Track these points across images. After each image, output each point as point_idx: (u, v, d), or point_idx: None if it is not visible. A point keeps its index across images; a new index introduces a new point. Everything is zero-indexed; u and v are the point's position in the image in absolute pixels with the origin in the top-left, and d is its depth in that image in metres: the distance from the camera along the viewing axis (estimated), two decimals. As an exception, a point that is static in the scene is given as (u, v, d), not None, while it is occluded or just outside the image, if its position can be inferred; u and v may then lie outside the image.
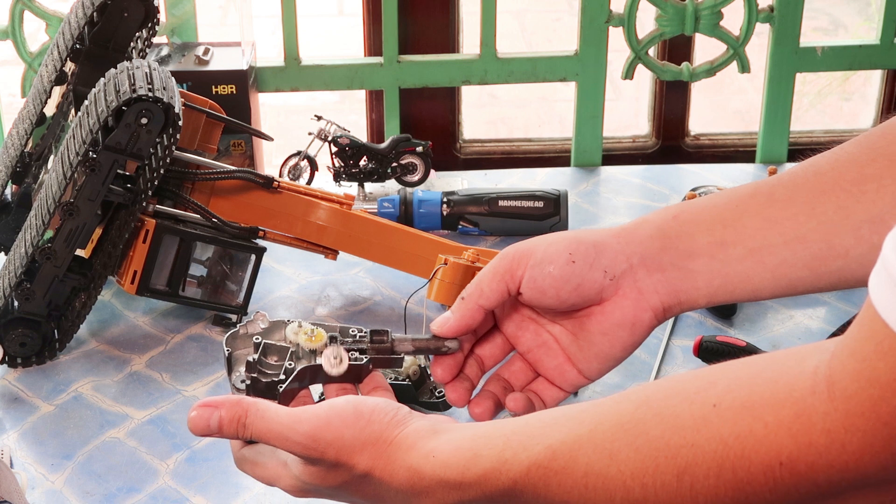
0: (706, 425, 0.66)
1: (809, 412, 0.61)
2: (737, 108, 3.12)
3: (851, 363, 0.60)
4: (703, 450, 0.66)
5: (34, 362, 1.20)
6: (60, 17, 1.50)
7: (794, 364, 0.64)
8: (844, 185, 0.83)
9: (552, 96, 3.05)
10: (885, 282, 0.57)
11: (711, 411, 0.66)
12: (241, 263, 1.25)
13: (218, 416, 0.83)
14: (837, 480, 0.61)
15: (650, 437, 0.69)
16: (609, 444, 0.70)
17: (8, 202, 1.30)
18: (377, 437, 0.79)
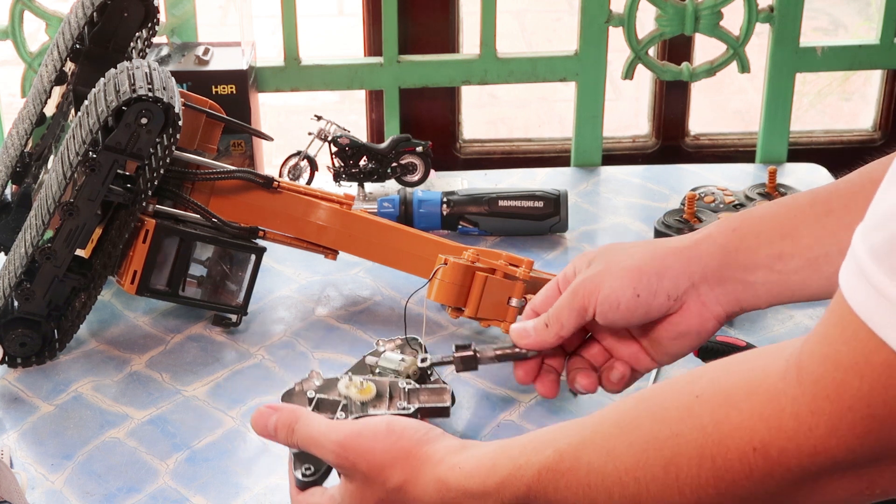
0: (689, 415, 0.68)
1: (779, 397, 0.63)
2: (737, 108, 3.12)
3: (819, 348, 0.61)
4: (686, 439, 0.68)
5: (34, 362, 1.20)
6: (60, 17, 1.51)
7: (772, 353, 0.66)
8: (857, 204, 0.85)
9: (552, 96, 3.06)
10: (853, 272, 0.59)
11: (694, 402, 0.68)
12: (241, 263, 1.25)
13: (275, 418, 0.90)
14: (808, 465, 0.62)
15: (642, 432, 0.71)
16: (607, 441, 0.73)
17: (8, 202, 1.30)
18: (408, 452, 0.83)
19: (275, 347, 1.24)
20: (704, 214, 1.34)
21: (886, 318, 0.57)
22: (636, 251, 0.95)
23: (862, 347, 0.58)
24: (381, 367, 1.12)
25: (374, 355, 1.13)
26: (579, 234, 1.45)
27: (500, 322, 1.18)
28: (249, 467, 1.07)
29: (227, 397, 1.16)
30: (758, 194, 1.41)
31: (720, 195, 1.41)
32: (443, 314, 1.26)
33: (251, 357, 1.22)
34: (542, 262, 1.38)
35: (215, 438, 1.11)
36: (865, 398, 0.59)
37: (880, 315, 0.57)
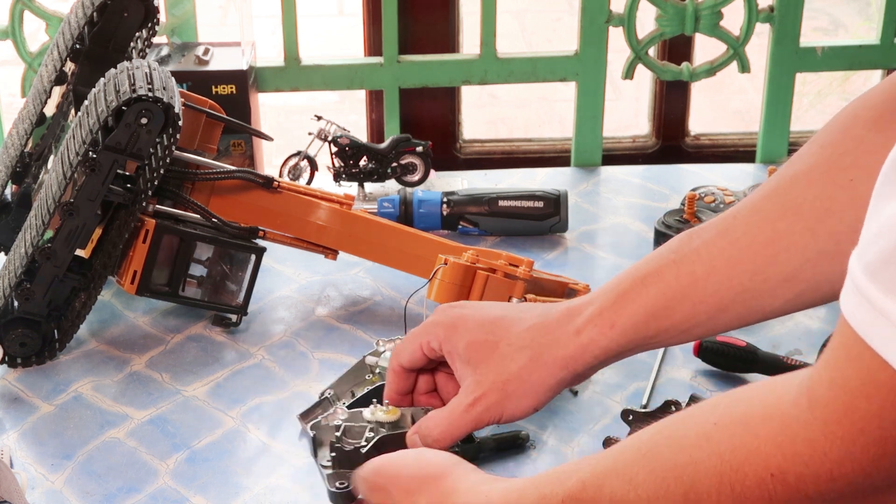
0: (707, 442, 0.68)
1: (792, 423, 0.63)
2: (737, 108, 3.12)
3: (826, 372, 0.61)
4: (704, 466, 0.67)
5: (34, 362, 1.20)
6: (60, 17, 1.50)
7: (785, 381, 0.66)
8: (758, 248, 0.88)
9: (552, 96, 3.05)
10: (851, 291, 0.59)
11: (712, 429, 0.68)
12: (241, 263, 1.25)
13: None
14: (826, 490, 0.62)
15: (662, 459, 0.71)
16: (629, 469, 0.73)
17: (8, 202, 1.30)
18: (435, 478, 0.86)
19: (275, 347, 1.24)
20: (704, 214, 1.34)
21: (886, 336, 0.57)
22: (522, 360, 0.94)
23: (866, 368, 0.58)
24: (381, 367, 1.12)
25: (374, 355, 1.13)
26: (579, 234, 1.45)
27: (500, 322, 1.18)
28: (249, 467, 1.07)
29: (227, 397, 1.16)
30: (758, 194, 1.40)
31: (720, 195, 1.41)
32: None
33: (251, 357, 1.22)
34: (542, 263, 1.38)
35: (215, 438, 1.11)
36: (876, 419, 0.59)
37: (880, 333, 0.57)
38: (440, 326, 0.97)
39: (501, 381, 0.94)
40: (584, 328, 0.92)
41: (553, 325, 0.94)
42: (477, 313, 0.97)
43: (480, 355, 0.95)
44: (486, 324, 0.96)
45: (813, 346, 1.21)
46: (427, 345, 0.98)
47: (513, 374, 0.93)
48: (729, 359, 1.17)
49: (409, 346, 0.99)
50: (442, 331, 0.97)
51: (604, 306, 0.92)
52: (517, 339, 0.94)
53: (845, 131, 0.89)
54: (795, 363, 1.14)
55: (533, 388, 0.93)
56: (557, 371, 0.93)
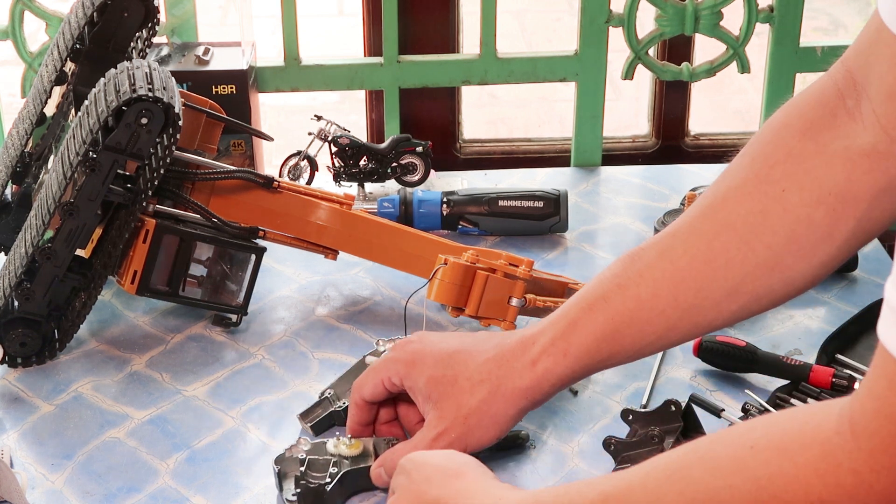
0: (743, 467, 0.67)
1: (835, 452, 0.62)
2: (737, 108, 3.13)
3: (869, 402, 0.61)
4: (740, 491, 0.67)
5: (34, 362, 1.20)
6: (60, 17, 1.50)
7: (824, 407, 0.66)
8: (698, 266, 0.91)
9: (552, 96, 3.06)
10: (889, 320, 0.59)
11: (748, 453, 0.68)
12: (241, 263, 1.25)
13: None
14: None
15: (693, 481, 0.71)
16: (657, 488, 0.73)
17: (8, 202, 1.30)
18: (455, 475, 0.88)
19: (275, 347, 1.24)
20: (704, 214, 1.34)
21: None
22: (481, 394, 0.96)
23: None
24: (381, 367, 1.12)
25: (374, 355, 1.13)
26: (579, 234, 1.45)
27: (500, 321, 1.18)
28: (249, 467, 1.07)
29: (227, 397, 1.16)
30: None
31: (720, 195, 1.40)
32: (443, 314, 1.27)
33: (251, 357, 1.22)
34: (541, 262, 1.38)
35: (215, 438, 1.11)
36: None
37: None
38: (400, 363, 1.00)
39: (463, 416, 0.96)
40: (539, 358, 0.95)
41: (509, 356, 0.96)
42: (434, 348, 1.00)
43: (440, 390, 0.97)
44: (444, 359, 0.98)
45: (813, 346, 1.21)
46: (388, 380, 1.01)
47: (473, 408, 0.96)
48: (729, 359, 1.17)
49: (370, 380, 1.02)
50: (402, 367, 1.00)
51: (555, 336, 0.94)
52: (475, 372, 0.97)
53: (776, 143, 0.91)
54: (795, 363, 1.14)
55: (494, 420, 0.96)
56: (517, 401, 0.96)
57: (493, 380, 0.96)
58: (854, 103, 0.91)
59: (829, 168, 0.90)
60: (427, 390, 0.98)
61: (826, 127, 0.91)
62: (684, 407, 1.04)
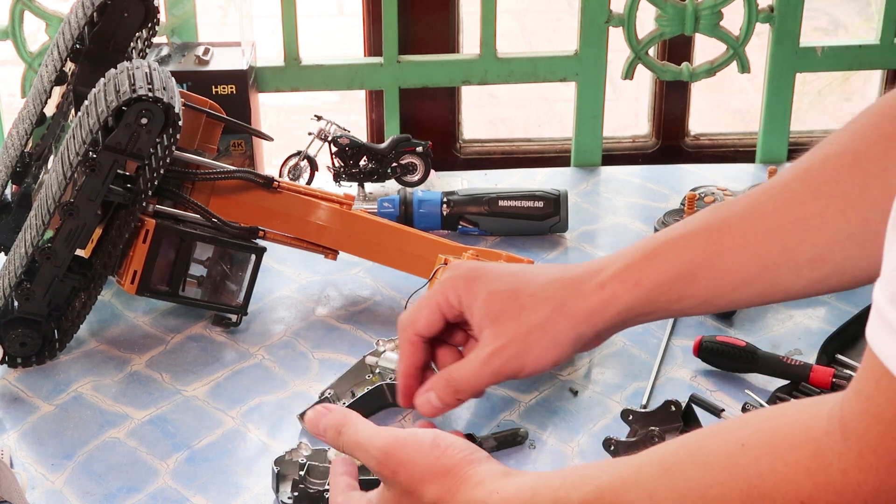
0: (734, 464, 0.67)
1: (825, 452, 0.62)
2: (737, 108, 3.13)
3: (858, 403, 0.61)
4: (730, 488, 0.67)
5: (34, 362, 1.20)
6: (60, 17, 1.50)
7: (814, 406, 0.66)
8: (788, 225, 0.88)
9: (552, 96, 3.06)
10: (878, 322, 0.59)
11: (739, 451, 0.67)
12: (241, 263, 1.25)
13: (326, 419, 0.90)
14: None
15: (685, 477, 0.70)
16: (650, 484, 0.72)
17: (8, 202, 1.30)
18: (448, 470, 0.83)
19: (275, 347, 1.24)
20: (704, 214, 1.34)
21: None
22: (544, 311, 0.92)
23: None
24: (381, 368, 1.12)
25: (374, 355, 1.13)
26: (579, 234, 1.45)
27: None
28: (249, 467, 1.07)
29: (227, 397, 1.16)
30: (758, 194, 1.40)
31: (720, 195, 1.41)
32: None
33: (251, 357, 1.22)
34: (541, 262, 1.38)
35: (215, 438, 1.11)
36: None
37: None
38: (459, 279, 0.95)
39: (523, 332, 0.92)
40: (608, 283, 0.91)
41: (576, 279, 0.92)
42: (496, 266, 0.96)
43: (501, 306, 0.92)
44: (507, 275, 0.94)
45: (813, 346, 1.21)
46: (446, 301, 0.95)
47: (535, 325, 0.92)
48: (728, 359, 1.17)
49: (424, 309, 0.96)
50: (461, 283, 0.94)
51: (629, 263, 0.91)
52: (540, 289, 0.92)
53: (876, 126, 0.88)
54: (795, 363, 1.14)
55: (555, 341, 0.92)
56: (579, 324, 0.91)
57: (557, 298, 0.91)
58: None
59: None
60: (487, 306, 0.92)
61: None
62: (684, 407, 1.04)
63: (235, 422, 1.13)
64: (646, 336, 1.23)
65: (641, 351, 1.22)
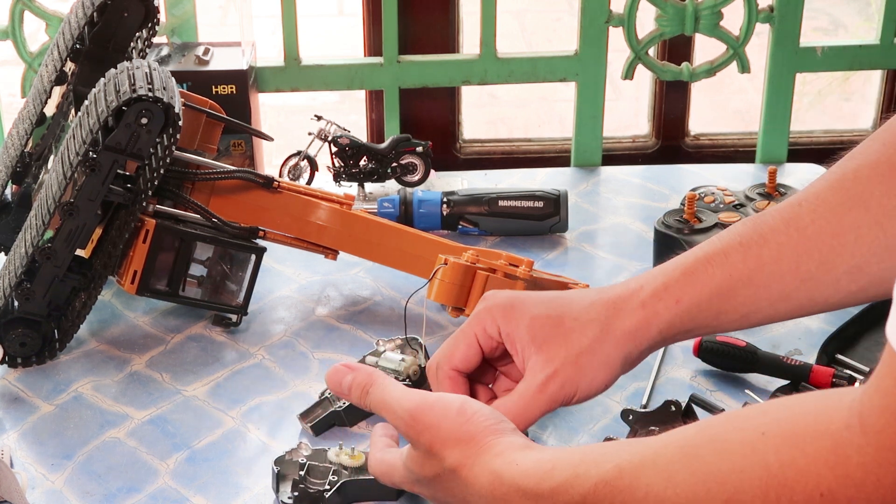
0: (754, 452, 0.67)
1: (845, 445, 0.63)
2: (737, 108, 3.12)
3: (877, 398, 0.61)
4: (749, 476, 0.67)
5: (34, 362, 1.20)
6: (60, 17, 1.50)
7: (835, 398, 0.66)
8: (825, 238, 0.88)
9: (552, 96, 3.05)
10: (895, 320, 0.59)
11: (759, 439, 0.67)
12: (241, 263, 1.25)
13: (350, 378, 0.90)
14: None
15: (704, 462, 0.70)
16: (669, 466, 0.72)
17: (8, 202, 1.30)
18: (471, 437, 0.83)
19: (275, 347, 1.24)
20: (704, 214, 1.34)
21: None
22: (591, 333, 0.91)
23: None
24: (382, 368, 1.12)
25: (375, 355, 1.13)
26: (579, 234, 1.45)
27: (500, 322, 1.18)
28: (249, 467, 1.07)
29: (227, 397, 1.16)
30: (758, 194, 1.41)
31: (720, 195, 1.41)
32: (443, 314, 1.27)
33: (251, 357, 1.22)
34: (542, 263, 1.38)
35: (215, 438, 1.11)
36: None
37: None
38: (496, 308, 0.93)
39: (574, 355, 0.91)
40: (649, 301, 0.91)
41: (616, 299, 0.92)
42: (531, 293, 0.95)
43: (546, 331, 0.91)
44: (546, 301, 0.93)
45: (813, 346, 1.21)
46: (483, 332, 0.93)
47: (584, 348, 0.91)
48: (729, 359, 1.17)
49: (461, 343, 0.94)
50: (500, 312, 0.93)
51: (668, 282, 0.91)
52: (583, 312, 0.92)
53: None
54: (795, 363, 1.14)
55: (605, 362, 0.91)
56: (626, 343, 0.91)
57: (601, 319, 0.91)
58: None
59: None
60: (531, 333, 0.91)
61: None
62: (684, 407, 1.04)
63: (235, 422, 1.13)
64: (646, 336, 1.23)
65: (641, 351, 1.22)
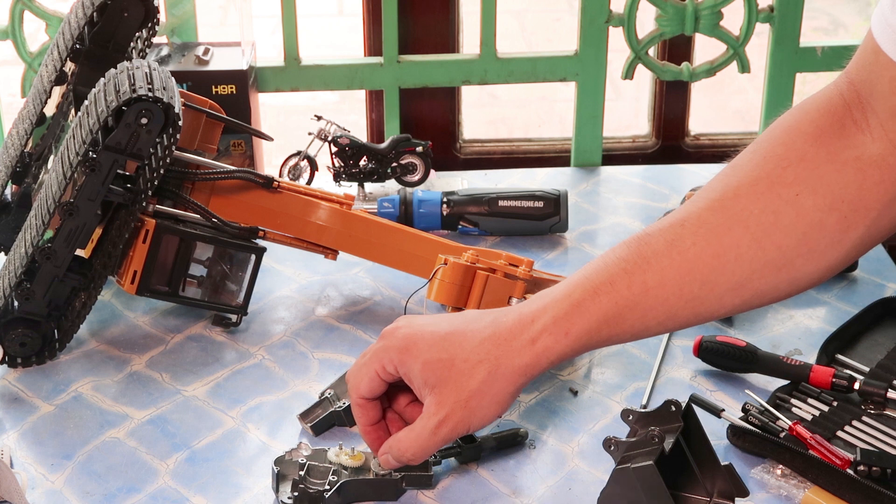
0: None
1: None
2: (737, 108, 3.12)
3: None
4: None
5: (34, 362, 1.20)
6: (60, 17, 1.50)
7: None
8: (707, 259, 0.92)
9: (552, 96, 3.05)
10: None
11: None
12: (241, 263, 1.25)
13: None
14: None
15: None
16: None
17: (8, 202, 1.30)
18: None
19: (275, 347, 1.24)
20: (704, 214, 1.34)
21: None
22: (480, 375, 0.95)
23: None
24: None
25: None
26: (579, 234, 1.45)
27: (500, 322, 1.18)
28: (249, 467, 1.07)
29: (227, 397, 1.16)
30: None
31: (720, 195, 1.40)
32: (443, 314, 1.26)
33: (251, 357, 1.22)
34: (542, 263, 1.38)
35: (215, 438, 1.11)
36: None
37: None
38: (392, 350, 0.98)
39: (464, 399, 0.95)
40: (539, 337, 0.95)
41: (506, 335, 0.96)
42: (426, 331, 0.98)
43: (438, 375, 0.96)
44: (438, 341, 0.97)
45: (813, 346, 1.21)
46: (383, 370, 0.98)
47: (474, 391, 0.95)
48: (729, 359, 1.17)
49: (364, 375, 0.99)
50: (395, 353, 0.98)
51: (557, 316, 0.94)
52: (472, 353, 0.95)
53: (787, 145, 0.93)
54: (795, 363, 1.14)
55: (495, 399, 0.95)
56: (516, 378, 0.95)
57: (491, 360, 0.95)
58: (861, 115, 0.94)
59: (841, 175, 0.92)
60: (424, 375, 0.96)
61: (836, 135, 0.93)
62: (684, 407, 1.04)
63: (235, 422, 1.13)
64: (646, 336, 1.23)
65: (641, 351, 1.22)
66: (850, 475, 1.01)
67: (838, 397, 1.12)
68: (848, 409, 1.11)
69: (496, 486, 1.04)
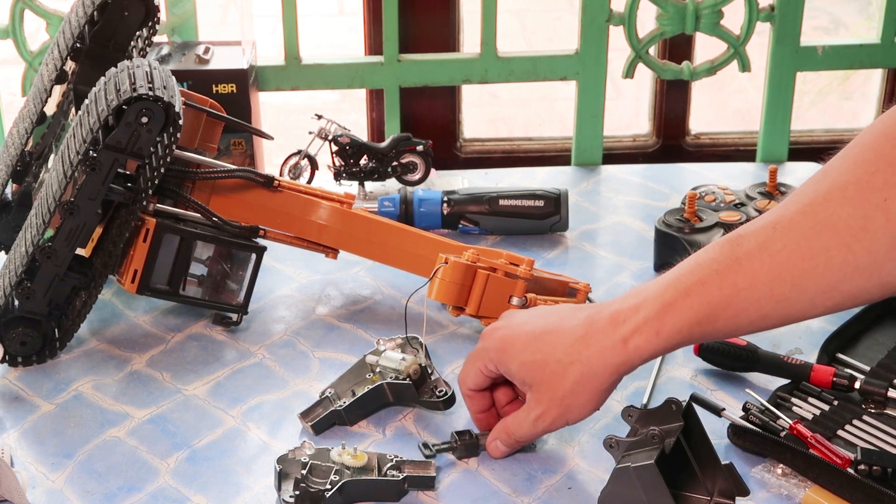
0: None
1: None
2: (737, 107, 3.12)
3: None
4: None
5: (35, 361, 1.20)
6: (61, 16, 1.51)
7: None
8: (797, 262, 0.93)
9: (553, 95, 3.05)
10: None
11: None
12: (241, 262, 1.25)
13: None
14: None
15: None
16: None
17: (8, 201, 1.30)
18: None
19: (275, 346, 1.24)
20: (705, 213, 1.35)
21: None
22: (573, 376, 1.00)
23: None
24: (382, 367, 1.12)
25: (375, 354, 1.13)
26: (580, 234, 1.45)
27: (500, 321, 1.18)
28: (249, 467, 1.07)
29: (227, 396, 1.16)
30: (758, 193, 1.41)
31: (721, 194, 1.41)
32: (443, 313, 1.27)
33: (252, 356, 1.22)
34: (542, 262, 1.38)
35: (216, 437, 1.11)
36: None
37: None
38: (490, 351, 1.04)
39: (559, 398, 1.00)
40: (631, 337, 0.97)
41: (599, 335, 0.99)
42: (521, 332, 1.03)
43: (533, 375, 1.01)
44: (532, 342, 1.02)
45: (813, 346, 1.21)
46: (485, 367, 1.05)
47: (568, 391, 1.00)
48: (729, 358, 1.17)
49: (470, 370, 1.06)
50: (493, 354, 1.04)
51: (649, 316, 0.97)
52: (565, 354, 0.99)
53: (877, 150, 0.93)
54: (796, 362, 1.14)
55: (590, 397, 1.00)
56: (609, 377, 0.99)
57: (583, 360, 0.99)
58: None
59: None
60: (521, 375, 1.02)
61: None
62: (685, 406, 1.04)
63: (236, 421, 1.13)
64: (646, 335, 1.23)
65: (642, 350, 1.22)
66: (851, 474, 1.01)
67: (839, 396, 1.12)
68: (848, 409, 1.11)
69: (496, 486, 1.04)
